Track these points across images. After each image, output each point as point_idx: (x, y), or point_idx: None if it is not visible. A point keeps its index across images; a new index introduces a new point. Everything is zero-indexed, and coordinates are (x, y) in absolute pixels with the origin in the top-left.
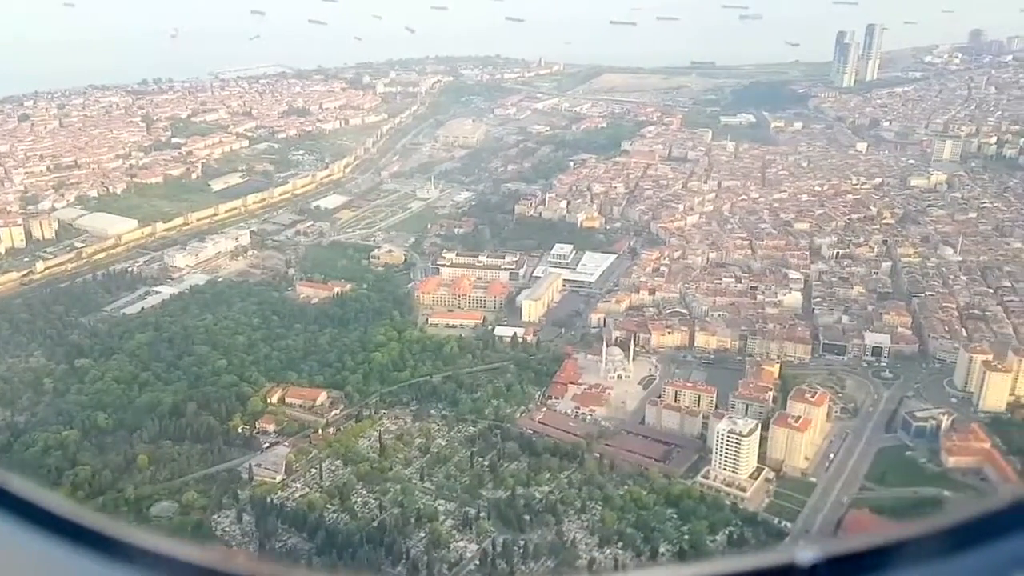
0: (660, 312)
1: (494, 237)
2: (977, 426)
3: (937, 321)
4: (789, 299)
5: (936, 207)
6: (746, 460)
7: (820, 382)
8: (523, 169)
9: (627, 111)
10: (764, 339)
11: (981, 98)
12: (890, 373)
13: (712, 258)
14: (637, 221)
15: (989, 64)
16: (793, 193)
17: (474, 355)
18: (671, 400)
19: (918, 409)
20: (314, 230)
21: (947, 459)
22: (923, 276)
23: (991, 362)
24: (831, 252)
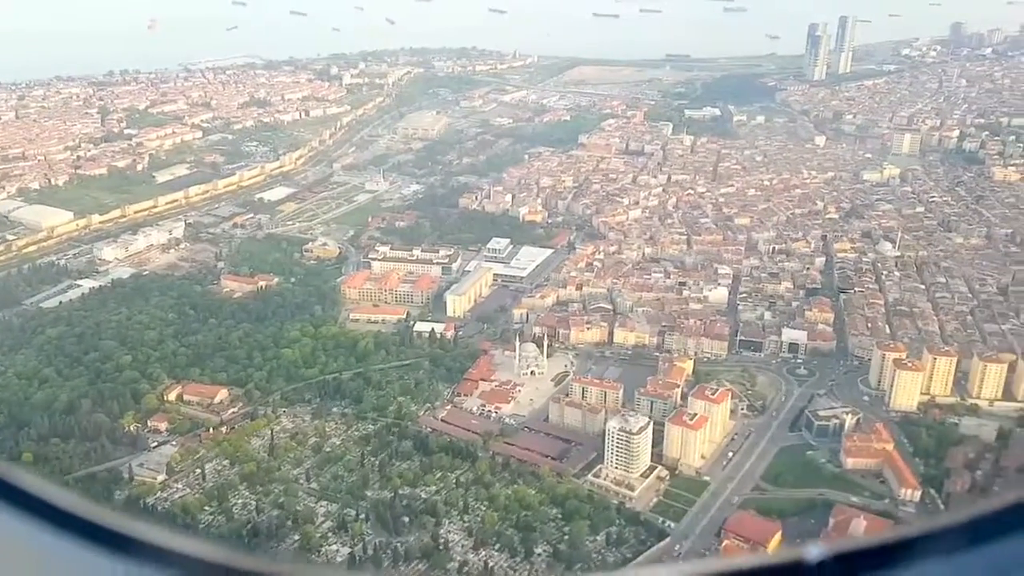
0: (585, 307)
1: (434, 231)
2: (882, 426)
3: (860, 318)
4: (715, 295)
5: (884, 201)
6: (637, 458)
7: (732, 379)
8: (477, 162)
9: (593, 104)
10: (681, 335)
11: (950, 91)
12: (805, 370)
13: (647, 253)
14: (580, 215)
15: (966, 57)
16: (741, 188)
17: (388, 351)
18: (578, 397)
19: (821, 408)
20: (252, 223)
21: (846, 460)
22: (856, 272)
23: (902, 360)
24: (767, 247)
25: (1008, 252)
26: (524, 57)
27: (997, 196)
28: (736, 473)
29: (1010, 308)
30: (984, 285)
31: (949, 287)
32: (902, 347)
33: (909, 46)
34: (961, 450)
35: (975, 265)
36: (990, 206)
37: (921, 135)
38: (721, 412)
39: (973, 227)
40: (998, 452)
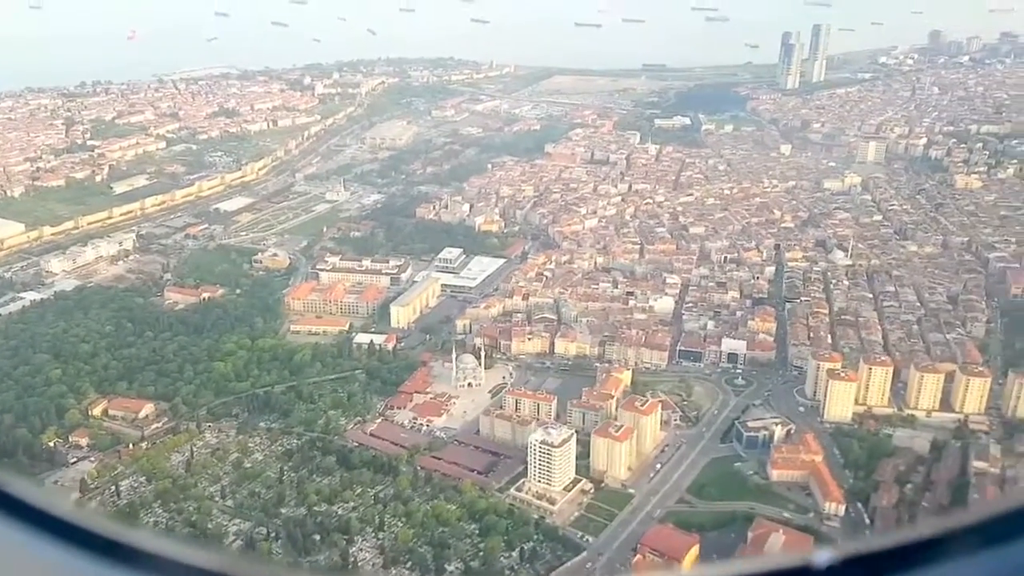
0: (529, 318)
1: (389, 241)
2: (811, 437)
3: (802, 327)
4: (660, 304)
5: (842, 210)
6: (560, 472)
7: (669, 389)
8: (442, 171)
9: (565, 113)
10: (622, 345)
11: (922, 99)
12: (743, 380)
13: (599, 262)
14: (537, 225)
15: (943, 65)
16: (700, 197)
17: (325, 364)
18: (512, 409)
19: (752, 419)
20: (205, 233)
21: (772, 472)
22: (805, 281)
23: (836, 371)
24: (720, 256)
25: (962, 260)
26: (501, 67)
27: (957, 204)
28: (662, 485)
29: (957, 317)
30: (934, 294)
31: (898, 296)
32: (837, 357)
33: (887, 54)
34: (892, 463)
35: (927, 274)
36: (949, 214)
37: (887, 143)
38: (651, 423)
39: (929, 235)
40: (930, 465)
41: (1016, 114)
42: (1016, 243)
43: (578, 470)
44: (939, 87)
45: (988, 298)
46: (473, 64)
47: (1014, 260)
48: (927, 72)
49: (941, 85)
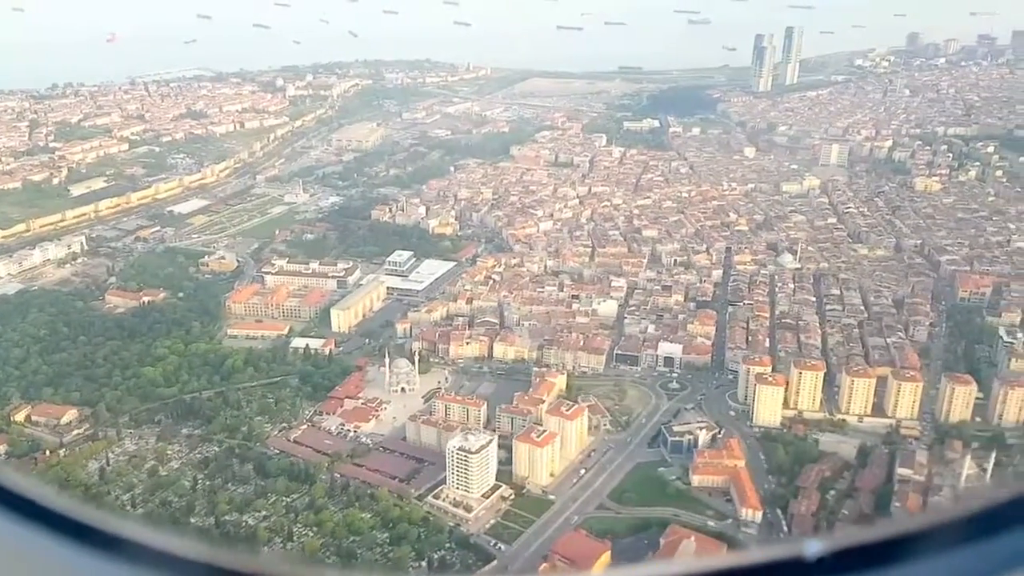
0: (471, 322)
1: (341, 243)
2: (735, 442)
3: (741, 331)
4: (603, 308)
5: (798, 213)
6: (478, 478)
7: (603, 393)
8: (404, 174)
9: (536, 116)
10: (560, 349)
11: (892, 101)
12: (678, 384)
13: (549, 265)
14: (492, 227)
15: (918, 67)
16: (658, 199)
17: (257, 369)
18: (441, 415)
19: (678, 423)
20: (156, 236)
21: (694, 477)
22: (750, 284)
23: (764, 375)
24: (670, 259)
25: (912, 264)
26: (477, 69)
27: (915, 206)
28: (584, 491)
29: (900, 321)
30: (879, 297)
31: (843, 299)
32: (767, 361)
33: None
34: (816, 468)
35: (875, 277)
36: (905, 217)
37: (850, 145)
38: (576, 428)
39: (882, 238)
40: (855, 471)
41: (985, 116)
42: (969, 246)
43: (502, 476)
44: (911, 89)
45: (935, 301)
46: (450, 66)
47: (965, 263)
48: (901, 74)
49: (913, 87)
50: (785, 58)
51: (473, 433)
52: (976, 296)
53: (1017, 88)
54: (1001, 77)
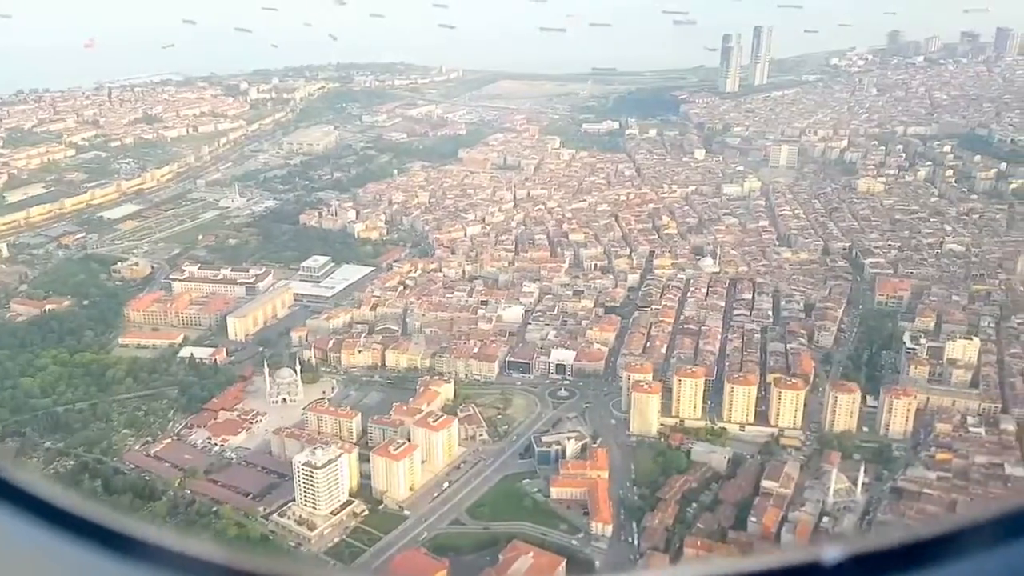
0: (371, 329)
1: (263, 248)
2: (602, 452)
3: (640, 337)
4: (509, 314)
5: (732, 215)
6: (326, 494)
7: (489, 402)
8: (348, 177)
9: (498, 118)
10: (452, 357)
11: (857, 101)
12: (567, 392)
13: (468, 270)
14: (420, 232)
15: (895, 66)
16: (594, 202)
17: (138, 379)
18: (314, 427)
19: (547, 433)
20: (78, 243)
21: (552, 490)
22: (664, 289)
23: (641, 383)
24: (590, 264)
25: (835, 267)
26: (450, 71)
27: (853, 208)
28: (443, 506)
29: (805, 327)
30: (791, 302)
31: (753, 304)
32: (647, 368)
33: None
34: (682, 479)
35: (793, 281)
36: (840, 218)
37: (799, 147)
38: (443, 440)
39: (810, 241)
40: (723, 482)
41: (949, 115)
42: (900, 248)
43: (363, 491)
44: (878, 88)
45: (850, 306)
46: (422, 69)
47: (890, 266)
48: (874, 73)
49: (882, 86)
50: (754, 58)
51: (322, 447)
52: (893, 300)
53: (991, 86)
54: (977, 75)
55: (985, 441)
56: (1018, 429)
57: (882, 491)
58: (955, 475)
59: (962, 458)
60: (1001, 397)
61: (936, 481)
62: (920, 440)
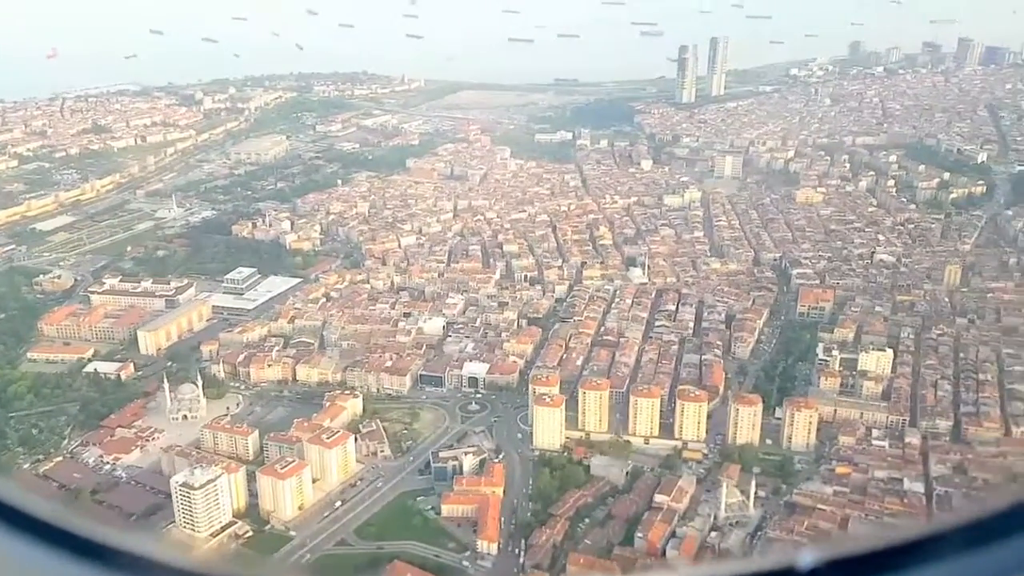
0: (286, 342)
1: (191, 260)
2: (499, 468)
3: (557, 348)
4: (430, 326)
5: (669, 226)
6: (205, 516)
7: (397, 417)
8: (292, 187)
9: (453, 128)
10: (364, 371)
11: (810, 111)
12: (478, 405)
13: (396, 282)
14: (355, 242)
15: (854, 76)
16: (534, 213)
17: (40, 395)
18: (211, 445)
19: (446, 449)
20: (5, 255)
21: (443, 507)
22: (589, 300)
23: (543, 395)
24: (521, 275)
25: (762, 278)
26: (411, 81)
27: (789, 218)
28: (332, 525)
29: (723, 338)
30: (713, 312)
31: (676, 315)
32: (554, 380)
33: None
34: (577, 494)
35: (719, 292)
36: (775, 229)
37: (746, 157)
38: (339, 457)
39: (742, 251)
40: (618, 497)
41: (900, 125)
42: (829, 258)
43: (252, 511)
44: (832, 99)
45: (773, 316)
46: (384, 78)
47: (816, 277)
48: (831, 84)
49: (836, 96)
50: (711, 68)
51: (202, 467)
52: (815, 311)
53: (946, 96)
54: (933, 85)
55: (887, 455)
56: (923, 443)
57: (778, 505)
58: (852, 490)
59: (862, 472)
60: (910, 410)
61: (832, 496)
62: (824, 453)
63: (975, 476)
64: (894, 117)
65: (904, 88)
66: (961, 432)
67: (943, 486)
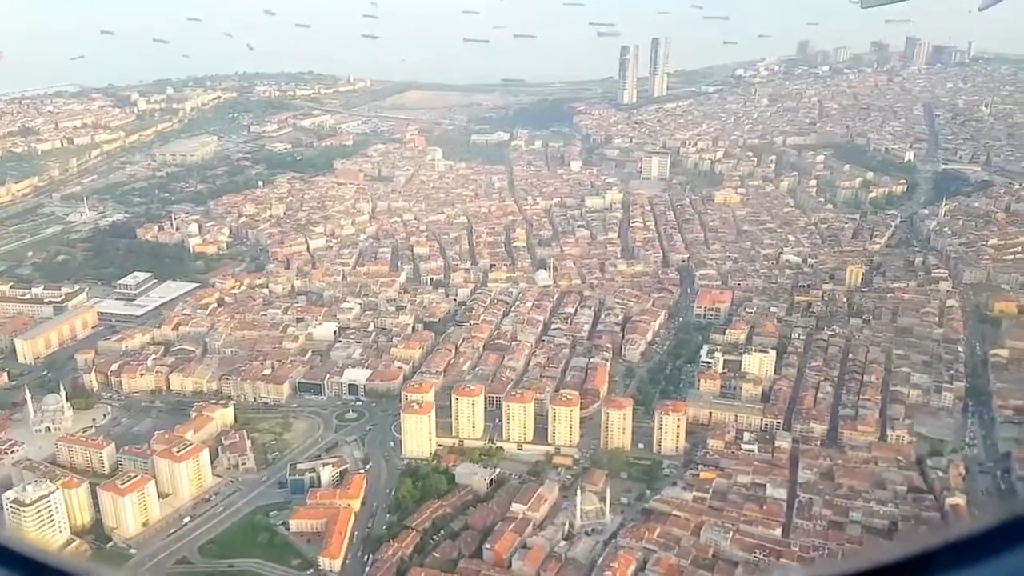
0: (167, 350)
1: (91, 264)
2: (359, 479)
3: (446, 353)
4: (320, 332)
5: (587, 228)
6: (37, 533)
7: (269, 426)
8: (212, 188)
9: (391, 128)
10: (241, 379)
11: (747, 111)
12: (355, 413)
13: (297, 286)
14: (263, 245)
15: (799, 76)
16: (453, 215)
17: None
18: (67, 458)
19: (312, 458)
20: None
21: (291, 522)
22: (489, 303)
23: (411, 403)
24: (427, 277)
25: (667, 279)
26: (357, 81)
27: (704, 219)
28: (176, 543)
29: (615, 341)
30: (610, 315)
31: (574, 318)
32: (428, 386)
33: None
34: (435, 505)
35: (620, 294)
36: (689, 230)
37: (674, 158)
38: (190, 470)
39: (651, 253)
40: (478, 506)
41: (833, 125)
42: (735, 260)
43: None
44: (770, 99)
45: (671, 318)
46: (330, 78)
47: (719, 278)
48: (773, 84)
49: (775, 96)
50: (653, 69)
51: (37, 482)
52: (711, 312)
53: (886, 95)
54: (876, 84)
55: (755, 459)
56: (793, 447)
57: (636, 512)
58: (713, 495)
59: (726, 477)
60: (787, 413)
61: (691, 502)
62: (694, 457)
63: (841, 483)
64: (829, 117)
65: (845, 88)
66: (836, 436)
67: (807, 492)
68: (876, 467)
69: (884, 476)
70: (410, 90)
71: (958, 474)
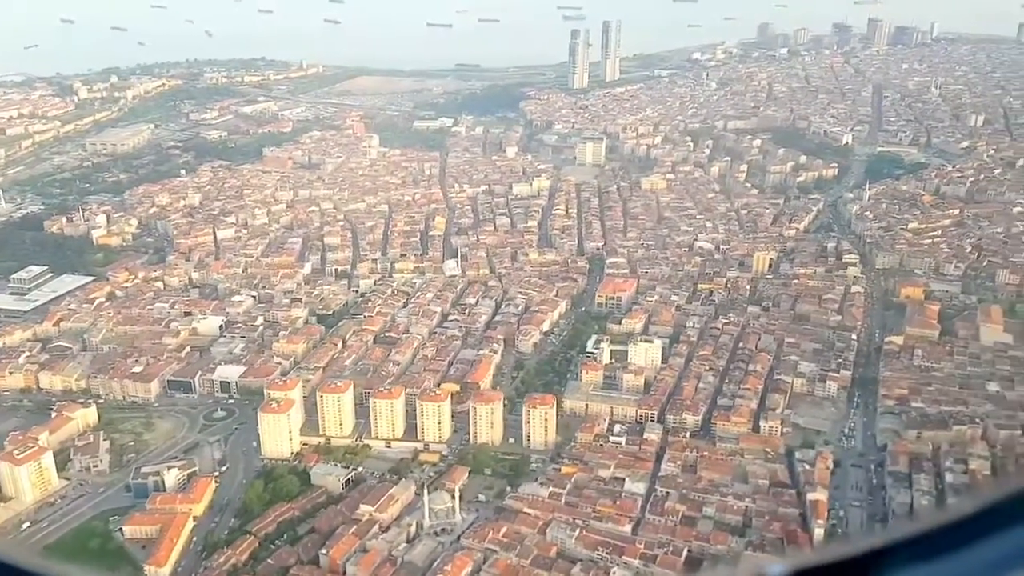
0: (44, 346)
1: None
2: (205, 482)
3: (331, 348)
4: (205, 326)
5: (509, 216)
6: None
7: (132, 427)
8: (135, 178)
9: (335, 115)
10: (109, 377)
11: (693, 95)
12: (224, 412)
13: (194, 278)
14: (171, 236)
15: (755, 59)
16: (374, 203)
17: None
18: None
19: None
20: None
21: (125, 528)
22: (388, 295)
23: (270, 402)
24: (332, 268)
25: (575, 268)
26: (309, 67)
27: (627, 206)
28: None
29: (508, 332)
30: (510, 305)
31: (473, 309)
32: (291, 384)
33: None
34: (282, 508)
35: (526, 283)
36: (610, 217)
37: (612, 143)
38: (31, 473)
39: (566, 241)
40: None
41: (775, 108)
42: (647, 247)
43: None
44: (719, 83)
45: (573, 308)
46: (281, 64)
47: (628, 266)
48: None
49: (724, 80)
50: (604, 54)
51: None
52: (613, 301)
53: (838, 77)
54: (831, 66)
55: (621, 452)
56: (662, 438)
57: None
58: (570, 491)
59: (587, 472)
60: (665, 404)
61: (547, 498)
62: (563, 451)
63: (702, 476)
64: (776, 100)
65: (799, 70)
66: (709, 427)
67: (665, 487)
68: (742, 459)
69: (748, 469)
70: (360, 76)
71: (825, 468)
